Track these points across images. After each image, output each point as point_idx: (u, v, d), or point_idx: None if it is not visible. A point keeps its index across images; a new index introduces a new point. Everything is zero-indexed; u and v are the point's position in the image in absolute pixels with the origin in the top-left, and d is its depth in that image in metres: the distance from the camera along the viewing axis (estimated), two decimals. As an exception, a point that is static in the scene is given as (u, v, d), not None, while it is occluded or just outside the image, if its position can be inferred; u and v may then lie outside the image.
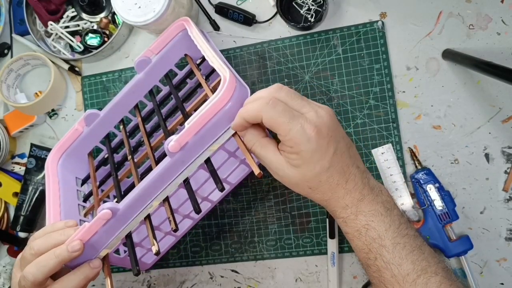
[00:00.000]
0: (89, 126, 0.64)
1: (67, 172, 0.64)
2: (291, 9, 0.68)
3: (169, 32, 0.60)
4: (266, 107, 0.43)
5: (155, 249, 0.49)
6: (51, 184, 0.61)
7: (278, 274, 0.68)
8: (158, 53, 0.62)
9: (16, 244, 0.77)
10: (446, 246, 0.60)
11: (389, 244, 0.44)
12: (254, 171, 0.46)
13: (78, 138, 0.64)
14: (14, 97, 0.77)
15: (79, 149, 0.65)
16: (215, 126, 0.46)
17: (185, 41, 0.61)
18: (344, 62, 0.67)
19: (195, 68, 0.62)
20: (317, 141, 0.43)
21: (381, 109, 0.65)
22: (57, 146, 0.64)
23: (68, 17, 0.76)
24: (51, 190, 0.60)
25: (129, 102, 0.64)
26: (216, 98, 0.44)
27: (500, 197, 0.62)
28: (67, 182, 0.63)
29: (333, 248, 0.65)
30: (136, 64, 0.62)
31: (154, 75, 0.63)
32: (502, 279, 0.62)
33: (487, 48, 0.63)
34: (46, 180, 0.61)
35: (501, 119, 0.62)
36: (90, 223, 0.47)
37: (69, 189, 0.63)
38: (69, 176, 0.65)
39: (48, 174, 0.62)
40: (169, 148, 0.45)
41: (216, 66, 0.48)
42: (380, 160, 0.65)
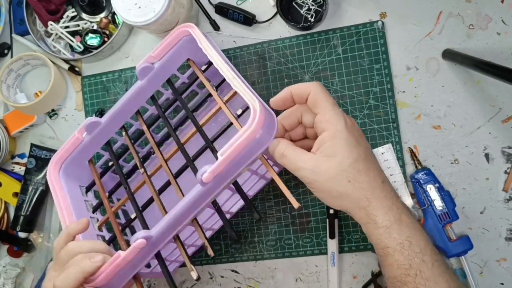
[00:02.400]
0: (90, 134, 0.62)
1: (70, 181, 0.63)
2: (291, 9, 0.68)
3: (172, 38, 0.59)
4: (316, 85, 0.46)
5: (195, 275, 0.49)
6: (61, 199, 0.59)
7: (278, 274, 0.68)
8: (160, 59, 0.60)
9: (16, 244, 0.77)
10: (446, 246, 0.60)
11: (428, 260, 0.42)
12: (294, 205, 0.47)
13: (78, 146, 0.62)
14: (14, 97, 0.77)
15: (79, 157, 0.63)
16: (246, 154, 0.47)
17: (188, 46, 0.60)
18: (344, 62, 0.67)
19: (203, 77, 0.60)
20: (351, 130, 0.44)
21: (381, 109, 0.65)
22: (57, 156, 0.62)
23: (68, 17, 0.76)
24: (62, 204, 0.58)
25: (130, 108, 0.63)
26: (249, 131, 0.44)
27: (500, 197, 0.62)
28: (73, 193, 0.62)
29: (333, 248, 0.65)
30: (138, 71, 0.60)
31: (156, 81, 0.62)
32: (502, 279, 0.62)
33: (487, 48, 0.63)
34: (52, 193, 0.60)
35: (501, 119, 0.62)
36: (125, 253, 0.48)
37: (77, 201, 0.62)
38: (73, 185, 0.63)
39: (53, 186, 0.60)
40: (203, 180, 0.45)
41: (241, 93, 0.48)
42: (380, 160, 0.65)
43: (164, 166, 0.58)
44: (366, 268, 0.65)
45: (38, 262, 0.76)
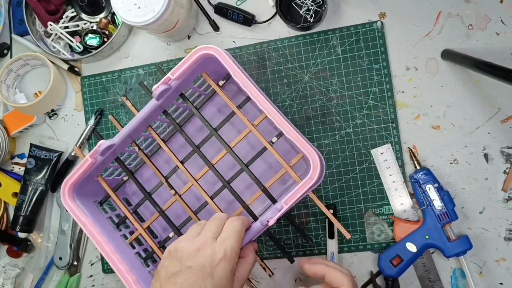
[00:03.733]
0: (102, 156, 0.60)
1: (85, 200, 0.61)
2: (291, 9, 0.68)
3: (194, 60, 0.56)
4: (349, 282, 0.54)
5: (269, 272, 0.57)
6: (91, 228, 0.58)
7: (278, 274, 0.68)
8: (178, 79, 0.58)
9: (15, 245, 0.77)
10: (446, 246, 0.60)
11: None
12: (346, 236, 0.54)
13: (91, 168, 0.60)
14: (13, 97, 0.77)
15: (90, 176, 0.62)
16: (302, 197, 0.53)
17: (206, 63, 0.58)
18: (344, 62, 0.67)
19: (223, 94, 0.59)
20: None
21: (381, 109, 0.65)
22: (70, 180, 0.59)
23: (68, 18, 0.76)
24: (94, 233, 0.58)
25: (143, 126, 0.61)
26: (310, 183, 0.51)
27: (499, 197, 0.62)
28: (95, 214, 0.61)
29: (332, 248, 0.65)
30: (157, 94, 0.57)
31: (171, 97, 0.60)
32: (501, 279, 0.62)
33: (486, 48, 0.63)
34: (78, 221, 0.58)
35: (500, 119, 0.62)
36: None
37: (103, 223, 0.61)
38: (90, 205, 0.62)
39: (75, 214, 0.59)
40: (269, 224, 0.52)
41: (298, 144, 0.52)
42: (380, 160, 0.65)
43: (197, 187, 0.60)
44: (365, 268, 0.65)
45: (37, 262, 0.76)
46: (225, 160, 0.60)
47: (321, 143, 0.67)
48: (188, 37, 0.73)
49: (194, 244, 0.48)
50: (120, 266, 0.57)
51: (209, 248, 0.48)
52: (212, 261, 0.47)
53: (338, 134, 0.67)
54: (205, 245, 0.48)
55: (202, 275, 0.46)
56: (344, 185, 0.66)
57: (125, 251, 0.61)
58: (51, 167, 0.75)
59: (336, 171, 0.66)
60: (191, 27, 0.72)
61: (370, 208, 0.65)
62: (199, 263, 0.47)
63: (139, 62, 0.74)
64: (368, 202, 0.65)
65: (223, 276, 0.47)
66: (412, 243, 0.61)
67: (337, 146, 0.66)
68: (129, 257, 0.60)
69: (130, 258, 0.60)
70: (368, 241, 0.65)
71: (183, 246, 0.49)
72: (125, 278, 0.56)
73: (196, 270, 0.47)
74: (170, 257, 0.49)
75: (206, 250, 0.48)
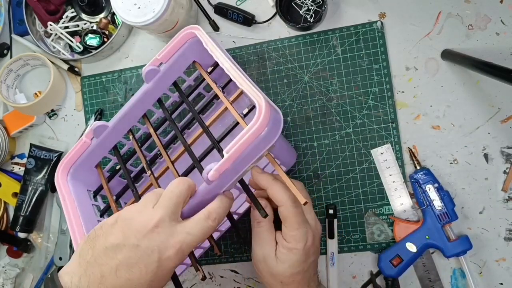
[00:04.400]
0: (97, 138, 0.62)
1: (78, 186, 0.62)
2: (291, 9, 0.68)
3: (178, 40, 0.58)
4: (289, 202, 0.50)
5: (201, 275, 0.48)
6: (68, 203, 0.59)
7: (278, 274, 0.68)
8: (166, 62, 0.60)
9: (15, 245, 0.77)
10: (445, 246, 0.60)
11: None
12: (300, 201, 0.48)
13: (86, 150, 0.62)
14: (13, 97, 0.77)
15: (87, 162, 0.63)
16: (252, 152, 0.47)
17: (194, 48, 0.59)
18: (344, 63, 0.67)
19: (209, 79, 0.60)
20: (309, 247, 0.50)
21: (380, 109, 0.65)
22: (65, 160, 0.62)
23: (68, 18, 0.76)
24: (69, 209, 0.58)
25: (137, 112, 0.63)
26: (254, 127, 0.45)
27: (499, 197, 0.62)
28: (81, 197, 0.62)
29: (332, 248, 0.65)
30: (144, 74, 0.59)
31: (163, 83, 0.61)
32: (501, 279, 0.62)
33: (486, 48, 0.63)
34: (60, 197, 0.59)
35: (500, 119, 0.62)
36: None
37: (84, 205, 0.61)
38: (81, 190, 0.63)
39: (61, 191, 0.60)
40: (209, 177, 0.45)
41: (246, 90, 0.48)
42: (380, 160, 0.65)
43: (171, 168, 0.58)
44: (365, 268, 0.65)
45: (37, 263, 0.76)
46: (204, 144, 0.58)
47: (321, 143, 0.67)
48: (188, 37, 0.73)
49: (150, 220, 0.40)
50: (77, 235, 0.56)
51: (166, 233, 0.40)
52: (164, 250, 0.40)
53: (338, 134, 0.67)
54: (162, 226, 0.40)
55: (147, 260, 0.39)
56: (344, 185, 0.66)
57: None
58: (51, 167, 0.75)
59: (336, 171, 0.66)
60: (191, 27, 0.72)
61: (370, 208, 0.65)
62: (148, 245, 0.39)
63: (139, 62, 0.74)
64: (368, 202, 0.65)
65: (169, 268, 0.40)
66: (412, 243, 0.61)
67: (337, 146, 0.66)
68: None
69: None
70: (368, 241, 0.65)
71: (135, 218, 0.41)
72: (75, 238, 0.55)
73: (143, 252, 0.39)
74: (115, 224, 0.41)
75: (162, 234, 0.40)
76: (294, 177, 0.68)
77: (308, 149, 0.67)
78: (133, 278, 0.39)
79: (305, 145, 0.67)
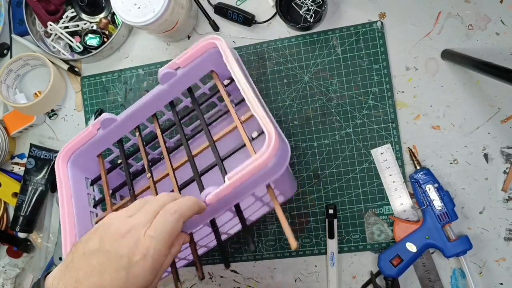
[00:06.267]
0: (104, 129, 0.61)
1: (77, 172, 0.62)
2: (291, 9, 0.68)
3: (198, 48, 0.57)
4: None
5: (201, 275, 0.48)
6: (64, 189, 0.58)
7: (278, 274, 0.68)
8: (184, 67, 0.59)
9: (15, 245, 0.77)
10: (445, 246, 0.60)
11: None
12: (291, 244, 0.46)
13: (90, 140, 0.62)
14: (13, 97, 0.77)
15: (90, 150, 0.63)
16: (255, 182, 0.46)
17: (213, 58, 0.58)
18: (344, 63, 0.67)
19: (224, 91, 0.59)
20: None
21: (380, 109, 0.65)
22: (68, 146, 0.61)
23: (68, 18, 0.76)
24: (64, 195, 0.58)
25: (148, 111, 0.62)
26: (261, 159, 0.44)
27: (499, 197, 0.62)
28: (78, 184, 0.62)
29: (332, 248, 0.65)
30: (160, 76, 0.59)
31: (177, 87, 0.61)
32: (501, 279, 0.62)
33: (486, 48, 0.63)
34: (58, 182, 0.59)
35: (500, 119, 0.62)
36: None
37: (80, 193, 0.61)
38: (79, 176, 0.63)
39: (59, 175, 0.60)
40: (206, 200, 0.45)
41: (258, 117, 0.47)
42: (380, 160, 0.65)
43: (171, 176, 0.57)
44: (365, 268, 0.65)
45: (37, 263, 0.76)
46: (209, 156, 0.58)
47: (321, 143, 0.67)
48: (188, 37, 0.73)
49: (124, 225, 0.41)
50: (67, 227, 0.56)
51: (134, 238, 0.41)
52: (132, 255, 0.40)
53: (338, 134, 0.67)
54: (133, 232, 0.41)
55: (117, 265, 0.40)
56: (344, 185, 0.66)
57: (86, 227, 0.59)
58: (51, 167, 0.75)
59: (336, 171, 0.66)
60: (191, 27, 0.72)
61: (370, 208, 0.65)
62: (117, 250, 0.40)
63: (139, 62, 0.74)
64: (368, 202, 0.65)
65: (140, 275, 0.40)
66: (412, 243, 0.61)
67: (337, 146, 0.66)
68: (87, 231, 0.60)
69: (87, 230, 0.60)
70: (368, 241, 0.65)
71: (113, 224, 0.42)
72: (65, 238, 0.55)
73: (113, 257, 0.40)
74: (97, 230, 0.42)
75: (131, 240, 0.41)
76: (294, 177, 0.68)
77: (308, 149, 0.67)
78: (104, 284, 0.39)
79: (305, 145, 0.67)
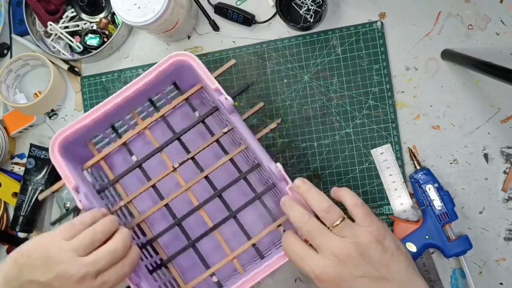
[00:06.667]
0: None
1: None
2: (291, 9, 0.68)
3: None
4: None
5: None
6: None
7: (278, 274, 0.68)
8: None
9: (15, 245, 0.77)
10: (445, 246, 0.60)
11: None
12: None
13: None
14: (13, 97, 0.77)
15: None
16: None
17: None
18: (344, 63, 0.67)
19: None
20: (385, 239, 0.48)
21: (380, 109, 0.65)
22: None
23: (68, 18, 0.76)
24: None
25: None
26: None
27: (499, 197, 0.62)
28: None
29: (332, 248, 0.65)
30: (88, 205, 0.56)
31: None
32: (501, 279, 0.62)
33: (486, 48, 0.63)
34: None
35: (500, 119, 0.62)
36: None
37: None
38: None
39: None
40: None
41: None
42: (379, 160, 0.65)
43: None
44: (366, 268, 0.65)
45: (37, 262, 0.76)
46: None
47: (321, 143, 0.67)
48: (188, 37, 0.73)
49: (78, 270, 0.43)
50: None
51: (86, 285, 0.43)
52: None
53: (338, 134, 0.67)
54: (85, 279, 0.43)
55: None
56: (344, 185, 0.66)
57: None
58: (51, 167, 0.75)
59: (336, 171, 0.66)
60: (191, 27, 0.72)
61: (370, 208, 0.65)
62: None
63: (139, 62, 0.74)
64: (368, 202, 0.65)
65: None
66: (412, 243, 0.61)
67: (337, 146, 0.66)
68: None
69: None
70: None
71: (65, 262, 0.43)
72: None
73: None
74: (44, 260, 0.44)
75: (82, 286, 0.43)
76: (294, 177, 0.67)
77: (308, 149, 0.67)
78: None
79: (305, 145, 0.67)
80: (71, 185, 0.55)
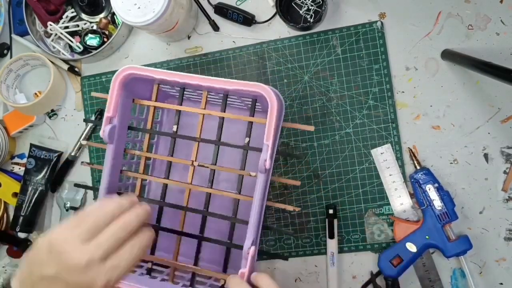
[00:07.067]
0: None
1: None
2: (291, 9, 0.68)
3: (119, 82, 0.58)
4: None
5: None
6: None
7: (278, 274, 0.68)
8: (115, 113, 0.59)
9: (15, 244, 0.77)
10: (445, 246, 0.60)
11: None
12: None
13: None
14: (13, 97, 0.77)
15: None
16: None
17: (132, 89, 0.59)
18: (344, 63, 0.67)
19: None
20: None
21: (380, 109, 0.65)
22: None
23: (68, 18, 0.76)
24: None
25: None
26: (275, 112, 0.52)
27: (499, 197, 0.62)
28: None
29: (332, 248, 0.65)
30: (107, 138, 0.58)
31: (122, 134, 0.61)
32: (501, 279, 0.62)
33: (486, 48, 0.63)
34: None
35: (500, 119, 0.62)
36: None
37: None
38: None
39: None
40: (265, 167, 0.52)
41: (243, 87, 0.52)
42: (380, 160, 0.65)
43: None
44: (365, 268, 0.65)
45: (37, 263, 0.76)
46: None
47: (321, 143, 0.67)
48: (188, 37, 0.73)
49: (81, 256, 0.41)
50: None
51: (94, 270, 0.41)
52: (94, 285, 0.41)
53: (338, 134, 0.67)
54: (91, 265, 0.41)
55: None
56: (344, 185, 0.66)
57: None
58: (51, 167, 0.75)
59: (336, 171, 0.66)
60: (191, 27, 0.72)
61: (370, 208, 0.65)
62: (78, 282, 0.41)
63: (139, 62, 0.74)
64: (368, 202, 0.65)
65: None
66: (412, 243, 0.61)
67: (337, 146, 0.66)
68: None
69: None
70: (368, 241, 0.65)
71: (69, 251, 0.42)
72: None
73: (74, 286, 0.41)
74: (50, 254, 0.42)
75: (90, 272, 0.41)
76: (294, 177, 0.68)
77: (308, 149, 0.67)
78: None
79: (305, 145, 0.67)
80: (108, 113, 0.57)
